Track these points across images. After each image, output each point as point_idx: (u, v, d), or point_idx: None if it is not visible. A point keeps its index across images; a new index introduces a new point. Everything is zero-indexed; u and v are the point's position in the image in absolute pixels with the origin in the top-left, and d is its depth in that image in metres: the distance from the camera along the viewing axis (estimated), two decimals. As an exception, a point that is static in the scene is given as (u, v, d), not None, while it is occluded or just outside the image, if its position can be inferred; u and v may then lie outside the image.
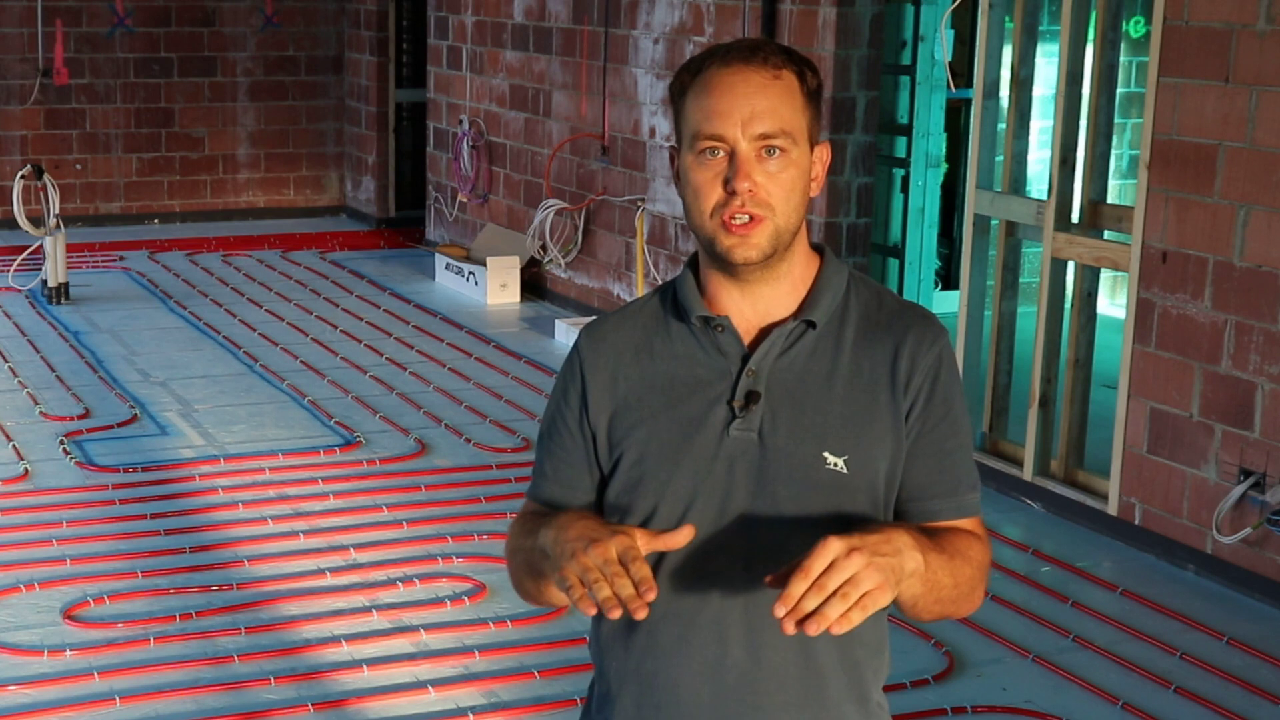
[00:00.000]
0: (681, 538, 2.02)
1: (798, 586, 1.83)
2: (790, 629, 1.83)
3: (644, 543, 1.98)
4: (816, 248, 2.18)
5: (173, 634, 4.98)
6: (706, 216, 2.05)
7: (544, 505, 2.21)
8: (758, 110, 2.02)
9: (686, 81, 2.08)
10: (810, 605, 1.82)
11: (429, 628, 5.07)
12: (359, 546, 5.73)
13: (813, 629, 1.82)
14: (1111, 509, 6.04)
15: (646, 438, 2.10)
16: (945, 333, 2.14)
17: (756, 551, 2.06)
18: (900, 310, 2.15)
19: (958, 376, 2.15)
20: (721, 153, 2.03)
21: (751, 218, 2.03)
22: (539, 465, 2.24)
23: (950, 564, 2.01)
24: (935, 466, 2.10)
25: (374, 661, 4.84)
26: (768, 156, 2.03)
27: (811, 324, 2.10)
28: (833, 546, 1.84)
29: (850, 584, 1.83)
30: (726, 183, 2.03)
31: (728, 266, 2.08)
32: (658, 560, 2.10)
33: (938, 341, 2.11)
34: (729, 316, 2.11)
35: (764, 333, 2.11)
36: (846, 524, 2.04)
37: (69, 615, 5.09)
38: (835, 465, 2.05)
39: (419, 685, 4.70)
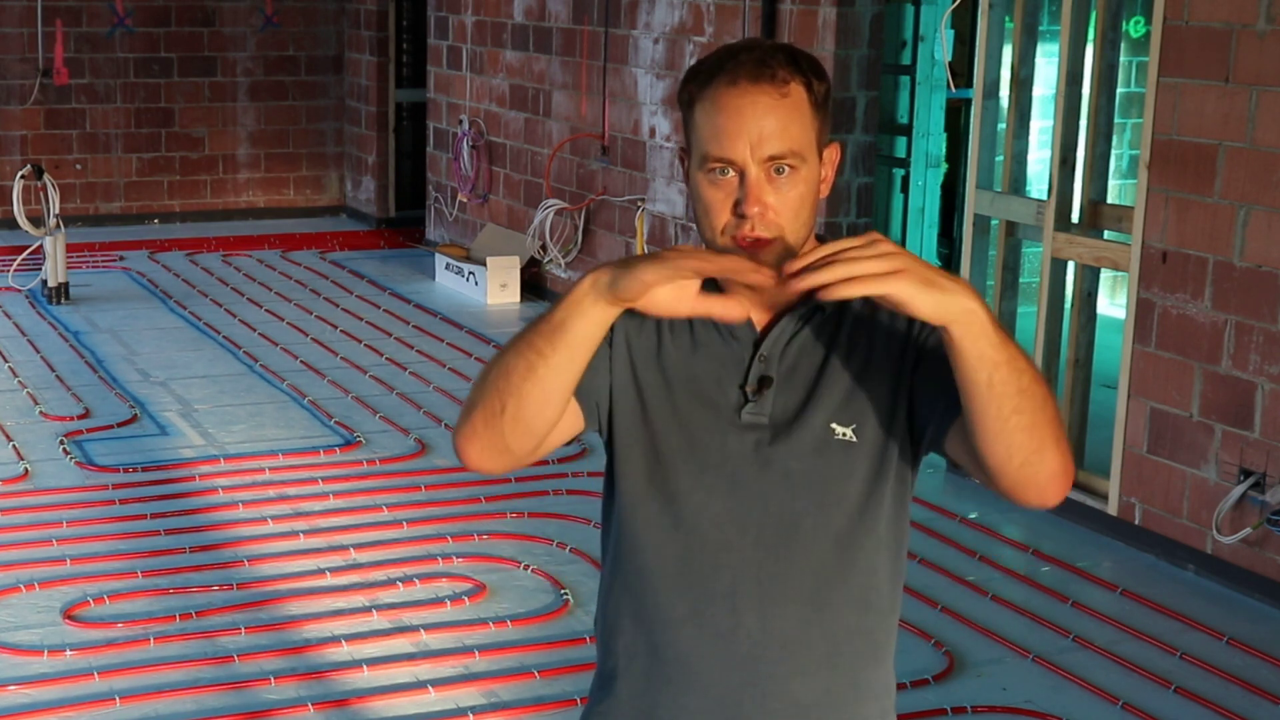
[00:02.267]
0: (738, 312, 2.02)
1: (817, 251, 1.85)
2: (792, 280, 1.85)
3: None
4: (820, 239, 2.18)
5: (173, 634, 4.98)
6: (718, 233, 2.07)
7: None
8: (766, 132, 2.02)
9: (694, 93, 2.08)
10: (817, 263, 1.83)
11: (429, 628, 5.07)
12: (359, 546, 5.73)
13: (808, 281, 1.83)
14: (1111, 509, 6.03)
15: (660, 418, 2.14)
16: None
17: (769, 523, 2.11)
18: None
19: None
20: (731, 173, 2.05)
21: (760, 240, 2.04)
22: None
23: (1025, 357, 1.92)
24: (949, 372, 1.97)
25: (374, 661, 4.84)
26: (777, 175, 2.05)
27: (820, 308, 2.14)
28: (867, 236, 1.86)
29: (871, 253, 1.83)
30: (737, 205, 2.04)
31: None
32: (670, 535, 2.13)
33: None
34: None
35: (775, 319, 2.15)
36: (859, 491, 2.09)
37: (69, 615, 5.09)
38: (844, 435, 2.10)
39: (419, 685, 4.70)
